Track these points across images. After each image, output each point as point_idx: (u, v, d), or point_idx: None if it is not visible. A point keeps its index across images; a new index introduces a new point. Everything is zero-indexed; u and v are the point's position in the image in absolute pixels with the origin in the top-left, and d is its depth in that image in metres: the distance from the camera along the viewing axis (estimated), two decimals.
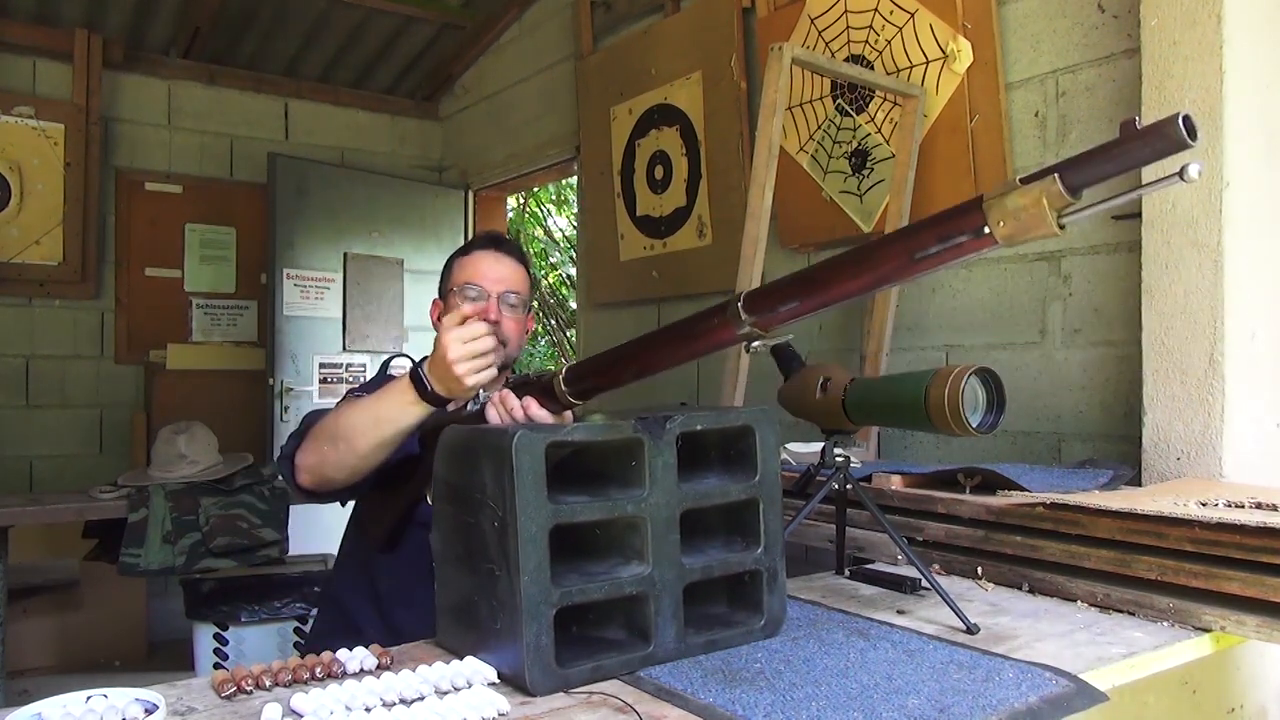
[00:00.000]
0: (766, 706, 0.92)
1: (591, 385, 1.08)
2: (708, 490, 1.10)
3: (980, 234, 0.70)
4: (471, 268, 1.64)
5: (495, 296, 1.61)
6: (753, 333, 0.89)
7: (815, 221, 2.73)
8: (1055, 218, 0.66)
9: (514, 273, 1.66)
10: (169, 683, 1.00)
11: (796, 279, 0.88)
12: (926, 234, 0.75)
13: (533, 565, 0.96)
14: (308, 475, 1.41)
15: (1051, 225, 0.66)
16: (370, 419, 1.33)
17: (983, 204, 0.69)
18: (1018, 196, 0.67)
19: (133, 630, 3.83)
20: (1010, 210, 0.67)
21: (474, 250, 1.68)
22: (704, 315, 0.96)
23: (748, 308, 0.88)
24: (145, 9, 3.93)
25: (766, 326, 0.88)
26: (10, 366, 3.94)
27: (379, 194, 4.44)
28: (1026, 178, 0.67)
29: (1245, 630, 1.18)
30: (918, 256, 0.75)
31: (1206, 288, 1.71)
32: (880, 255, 0.79)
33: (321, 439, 1.39)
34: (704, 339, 0.96)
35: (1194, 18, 1.73)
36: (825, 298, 0.86)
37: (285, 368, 4.14)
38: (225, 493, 3.12)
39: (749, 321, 0.88)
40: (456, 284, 1.64)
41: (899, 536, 1.35)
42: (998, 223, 0.69)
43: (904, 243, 0.77)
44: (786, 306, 0.88)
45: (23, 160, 3.83)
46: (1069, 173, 0.65)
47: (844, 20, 2.59)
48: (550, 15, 4.02)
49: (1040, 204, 0.66)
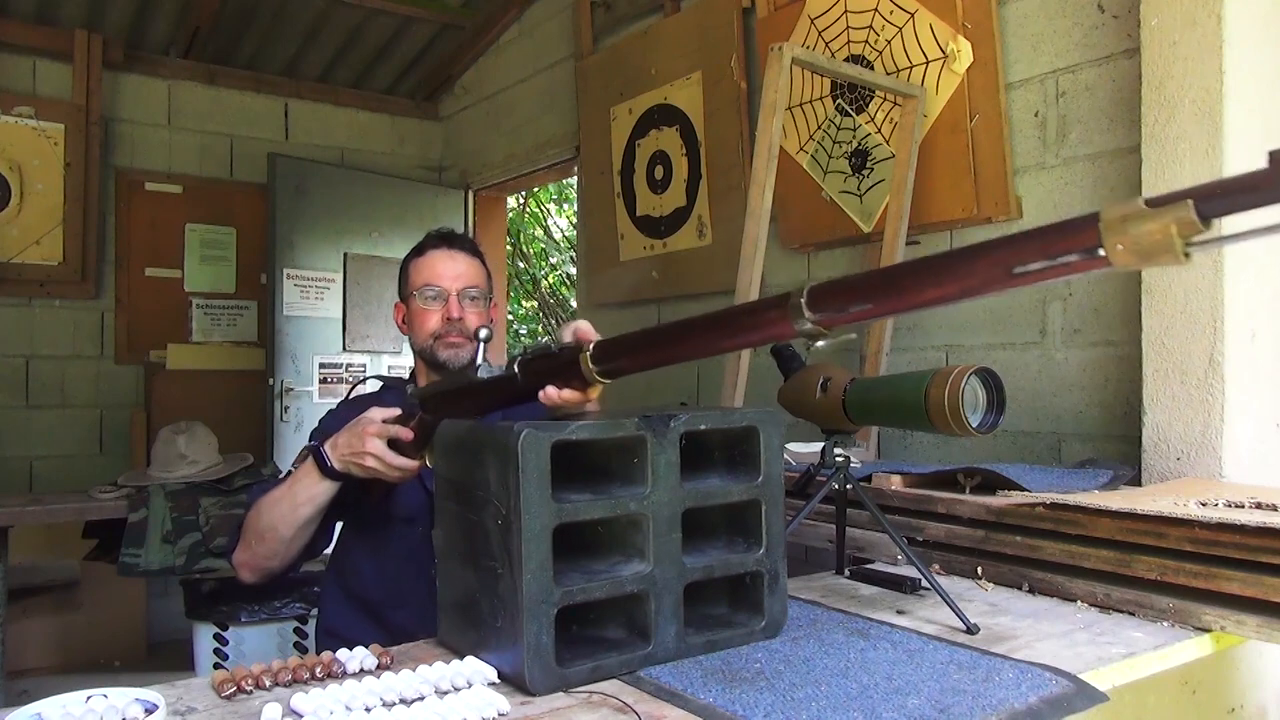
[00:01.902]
0: (766, 706, 0.92)
1: (623, 365, 1.01)
2: (710, 490, 1.10)
3: (1093, 255, 0.63)
4: (428, 269, 1.66)
5: (455, 294, 1.64)
6: (815, 330, 0.80)
7: (815, 221, 2.73)
8: (1182, 246, 0.60)
9: (469, 267, 1.68)
10: (169, 683, 1.00)
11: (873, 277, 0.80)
12: (1031, 248, 0.67)
13: (535, 564, 0.96)
14: (248, 573, 1.51)
15: (1178, 254, 0.60)
16: (288, 506, 1.42)
17: (1099, 221, 0.62)
18: (1142, 219, 0.60)
19: (133, 630, 3.83)
20: (1131, 233, 0.61)
21: (427, 250, 1.69)
22: (759, 306, 0.86)
23: (812, 303, 0.79)
24: (145, 9, 3.93)
25: (830, 325, 0.80)
26: (10, 366, 3.94)
27: (379, 194, 4.44)
28: (1153, 200, 0.60)
29: (1245, 630, 1.18)
30: (1017, 271, 0.68)
31: (1206, 288, 1.71)
32: (974, 265, 0.71)
33: (249, 538, 1.48)
34: (756, 331, 0.87)
35: (1194, 18, 1.73)
36: (903, 302, 0.77)
37: (285, 368, 4.14)
38: (225, 493, 3.12)
39: (811, 318, 0.79)
40: (415, 286, 1.66)
41: (899, 536, 1.35)
42: (1115, 245, 0.61)
43: (1003, 254, 0.69)
44: (858, 307, 0.79)
45: (23, 160, 3.83)
46: (1205, 201, 0.59)
47: (844, 20, 2.59)
48: (550, 15, 4.02)
49: (1168, 231, 0.59)
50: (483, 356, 1.35)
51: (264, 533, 1.45)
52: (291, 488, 1.43)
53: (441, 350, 1.63)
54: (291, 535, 1.44)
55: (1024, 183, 2.26)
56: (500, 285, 5.08)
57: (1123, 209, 0.62)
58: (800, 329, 0.81)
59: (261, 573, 1.50)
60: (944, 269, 0.73)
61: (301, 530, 1.44)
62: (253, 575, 1.51)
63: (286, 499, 1.42)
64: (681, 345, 0.96)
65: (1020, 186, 2.26)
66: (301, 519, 1.42)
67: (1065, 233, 0.65)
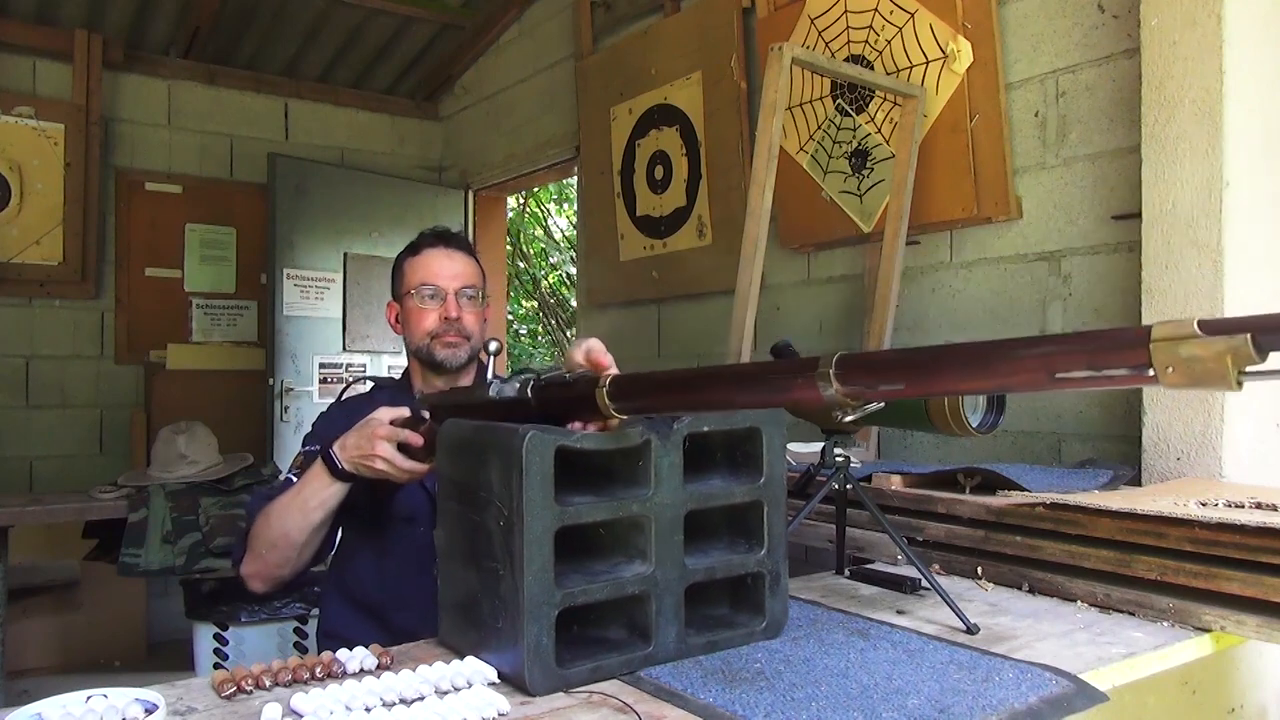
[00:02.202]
0: (766, 707, 0.92)
1: (642, 405, 0.99)
2: (712, 491, 1.10)
3: (1142, 372, 0.62)
4: (424, 268, 1.65)
5: (453, 293, 1.63)
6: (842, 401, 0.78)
7: (815, 221, 2.73)
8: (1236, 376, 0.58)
9: (466, 266, 1.67)
10: (169, 683, 1.00)
11: (907, 359, 0.78)
12: (1077, 355, 0.66)
13: (537, 566, 0.96)
14: (260, 583, 1.50)
15: (1232, 384, 0.58)
16: (299, 511, 1.41)
17: (1150, 340, 0.61)
18: (1196, 345, 0.59)
19: (133, 630, 3.83)
20: (1184, 358, 0.60)
21: (423, 249, 1.68)
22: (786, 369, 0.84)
23: (841, 375, 0.77)
24: (145, 9, 3.93)
25: (857, 399, 0.79)
26: (10, 366, 3.94)
27: (379, 194, 4.44)
28: (1208, 325, 0.59)
29: (1245, 630, 1.18)
30: (1059, 376, 0.67)
31: (1206, 288, 1.71)
32: (1014, 362, 0.70)
33: (258, 547, 1.46)
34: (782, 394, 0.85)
35: (1194, 18, 1.73)
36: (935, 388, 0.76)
37: (285, 368, 4.14)
38: (225, 493, 3.12)
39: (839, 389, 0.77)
40: (412, 286, 1.65)
41: (899, 536, 1.35)
42: (1165, 367, 0.60)
43: (1046, 355, 0.68)
44: (888, 386, 0.77)
45: (23, 160, 3.83)
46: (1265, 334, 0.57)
47: (844, 20, 2.59)
48: (550, 15, 4.02)
49: (1223, 361, 0.58)
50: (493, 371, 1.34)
51: (275, 541, 1.43)
52: (300, 492, 1.42)
53: (439, 350, 1.62)
54: (304, 541, 1.43)
55: (1024, 183, 2.26)
56: (500, 285, 5.08)
57: (1175, 329, 0.60)
58: (826, 396, 0.79)
59: (273, 582, 1.49)
60: (987, 362, 0.71)
61: (314, 535, 1.44)
62: (264, 585, 1.50)
63: (296, 504, 1.41)
64: (703, 394, 0.94)
65: (1020, 186, 2.26)
66: (314, 523, 1.41)
67: (1115, 344, 0.63)
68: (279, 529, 1.43)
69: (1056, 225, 2.20)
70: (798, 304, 2.87)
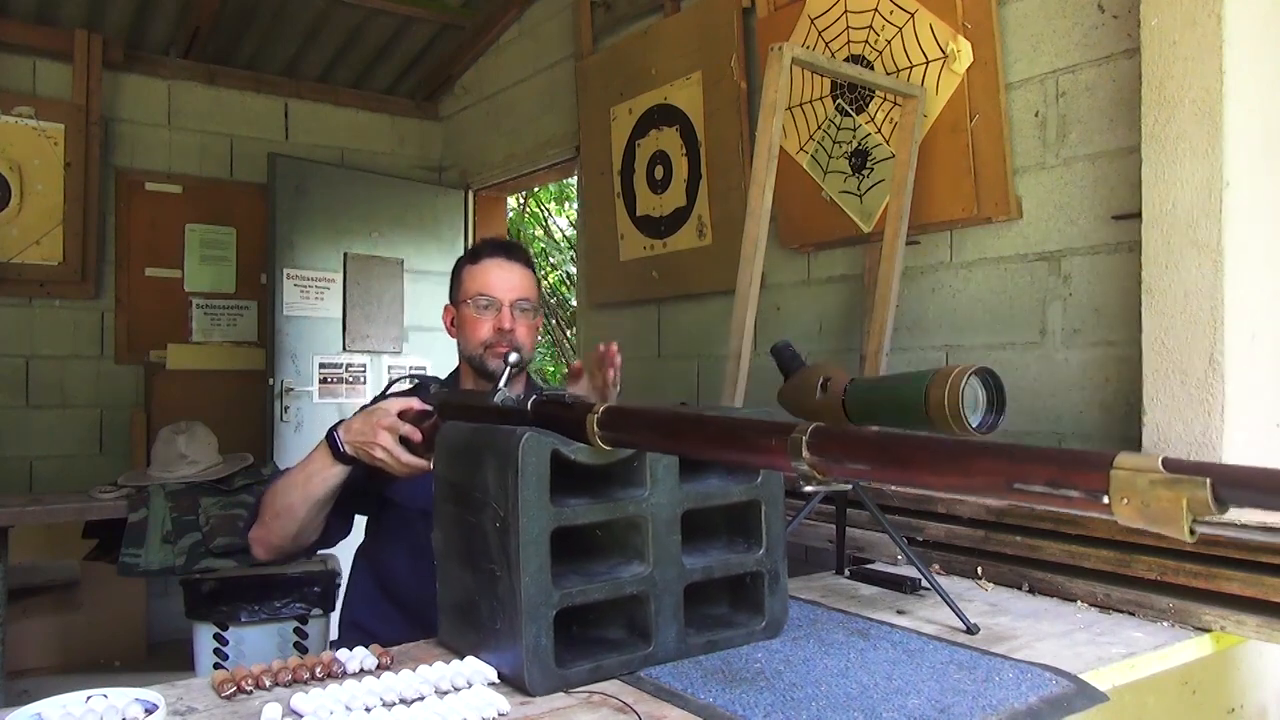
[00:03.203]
0: (766, 706, 0.92)
1: (626, 439, 1.01)
2: (709, 491, 1.10)
3: (1096, 498, 0.63)
4: (482, 277, 1.67)
5: (508, 304, 1.64)
6: (809, 472, 0.81)
7: (815, 221, 2.73)
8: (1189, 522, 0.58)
9: (524, 279, 1.69)
10: (169, 683, 1.00)
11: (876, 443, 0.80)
12: (1037, 469, 0.67)
13: (534, 567, 0.96)
14: (261, 549, 1.53)
15: (1183, 531, 0.58)
16: (301, 483, 1.45)
17: (1111, 468, 0.62)
18: (1156, 486, 0.59)
19: (133, 630, 3.83)
20: (1140, 492, 0.60)
21: (483, 259, 1.69)
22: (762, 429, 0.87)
23: (813, 446, 0.79)
24: (145, 9, 3.93)
25: (824, 473, 0.81)
26: (10, 366, 3.94)
27: (379, 194, 4.44)
28: (1171, 464, 0.59)
29: (1245, 630, 1.18)
30: (1016, 487, 0.68)
31: (1206, 288, 1.71)
32: (976, 464, 0.71)
33: (265, 515, 1.51)
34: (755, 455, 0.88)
35: (1194, 18, 1.73)
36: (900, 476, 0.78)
37: (285, 368, 4.14)
38: (225, 493, 3.12)
39: (809, 460, 0.80)
40: (469, 294, 1.67)
41: (899, 536, 1.36)
42: (1121, 499, 0.61)
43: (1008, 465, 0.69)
44: (855, 465, 0.79)
45: (23, 160, 3.83)
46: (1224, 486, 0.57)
47: (844, 20, 2.59)
48: (550, 15, 4.02)
49: (1179, 504, 0.58)
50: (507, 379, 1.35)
51: (280, 511, 1.47)
52: (305, 467, 1.46)
53: (490, 360, 1.63)
54: (305, 515, 1.46)
55: (1024, 183, 2.26)
56: None
57: (1139, 463, 0.60)
58: (795, 465, 0.81)
59: (275, 550, 1.52)
60: (947, 459, 0.74)
61: (315, 510, 1.46)
62: (266, 553, 1.53)
63: (300, 478, 1.45)
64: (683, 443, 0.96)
65: (1020, 186, 2.26)
66: (315, 498, 1.44)
67: (1074, 466, 0.64)
68: (284, 501, 1.46)
69: (1056, 225, 2.20)
70: (798, 304, 2.87)
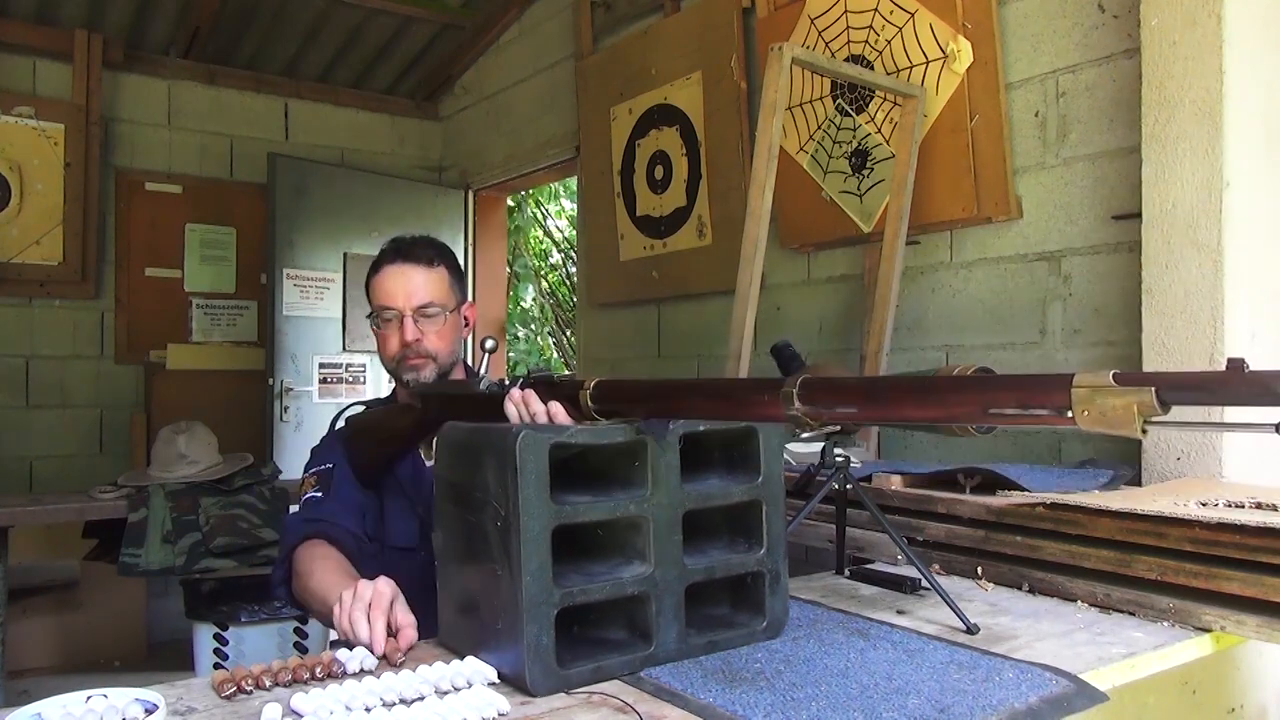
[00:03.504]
0: (766, 706, 0.92)
1: (619, 409, 1.06)
2: (710, 491, 1.10)
3: (1062, 413, 0.71)
4: (381, 289, 1.57)
5: (410, 314, 1.54)
6: (801, 419, 0.87)
7: (815, 221, 2.73)
8: (1141, 423, 0.68)
9: (426, 281, 1.56)
10: (169, 683, 1.00)
11: (860, 386, 0.87)
12: (1007, 394, 0.75)
13: (535, 565, 0.96)
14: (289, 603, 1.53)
15: (1136, 430, 0.68)
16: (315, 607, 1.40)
17: (1072, 386, 0.70)
18: (1110, 395, 0.68)
19: (133, 630, 3.83)
20: (1098, 404, 0.69)
21: (381, 267, 1.58)
22: (753, 386, 0.93)
23: (803, 396, 0.86)
24: (145, 9, 3.93)
25: (816, 419, 0.87)
26: (10, 366, 3.94)
27: (379, 194, 4.44)
28: (1121, 378, 0.68)
29: (1245, 630, 1.18)
30: (991, 411, 0.76)
31: (1206, 288, 1.71)
32: (953, 395, 0.79)
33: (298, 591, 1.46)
34: (749, 409, 0.94)
35: (1194, 18, 1.73)
36: (885, 414, 0.86)
37: (285, 368, 4.14)
38: (225, 493, 3.12)
39: (800, 409, 0.86)
40: (372, 309, 1.58)
41: (899, 536, 1.35)
42: (1082, 411, 0.70)
43: (981, 392, 0.77)
44: (843, 409, 0.87)
45: (23, 160, 3.83)
46: (1167, 391, 0.67)
47: (844, 20, 2.59)
48: (550, 15, 4.02)
49: (1130, 409, 0.67)
50: (486, 367, 1.33)
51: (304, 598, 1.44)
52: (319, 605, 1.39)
53: (405, 373, 1.56)
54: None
55: (1024, 183, 2.26)
56: (500, 284, 5.07)
57: (1094, 380, 0.69)
58: (789, 413, 0.87)
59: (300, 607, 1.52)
60: (925, 392, 0.82)
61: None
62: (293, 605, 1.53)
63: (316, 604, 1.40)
64: (675, 403, 1.02)
65: (1020, 186, 2.26)
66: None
67: (1041, 388, 0.73)
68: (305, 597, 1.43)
69: (1056, 225, 2.20)
70: (798, 304, 2.87)
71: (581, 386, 1.09)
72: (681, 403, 1.01)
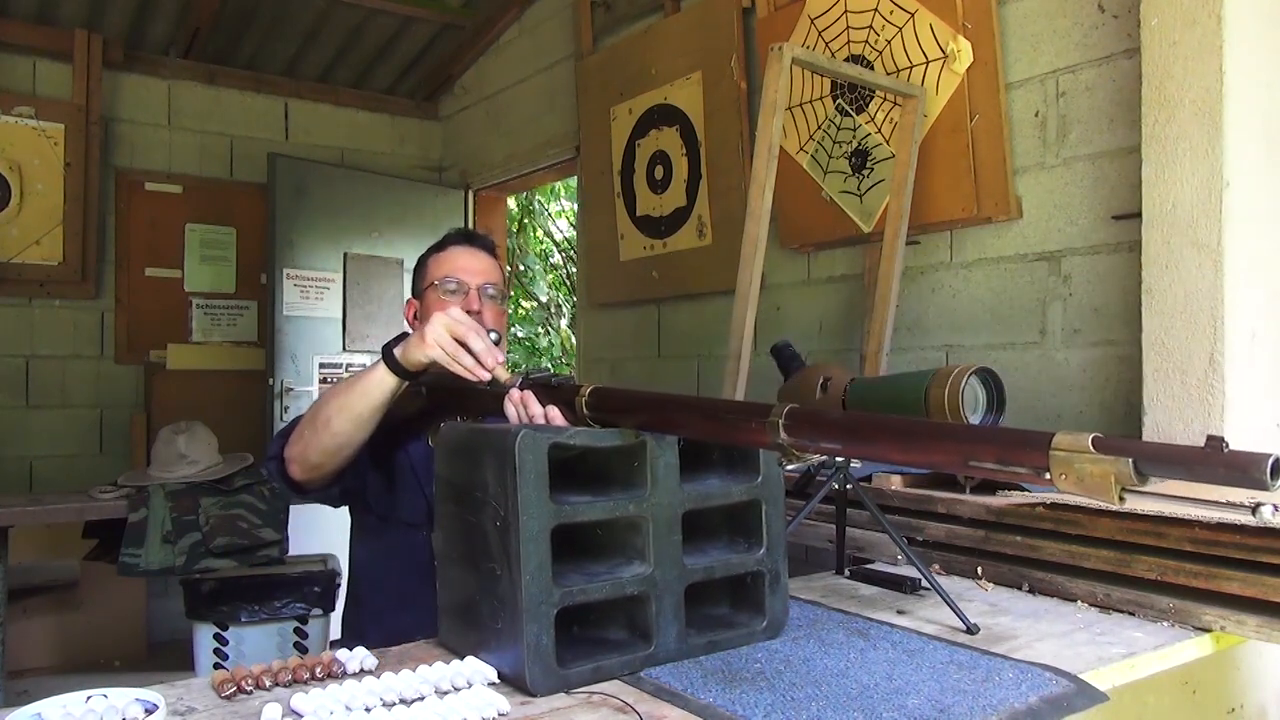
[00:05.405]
0: (766, 706, 0.92)
1: (612, 417, 1.08)
2: (710, 491, 1.10)
3: (1040, 474, 0.72)
4: (449, 263, 1.66)
5: (475, 289, 1.64)
6: (787, 449, 0.89)
7: (815, 221, 2.73)
8: (1118, 491, 0.68)
9: (489, 266, 1.69)
10: (169, 683, 1.00)
11: (846, 423, 0.89)
12: (988, 449, 0.76)
13: (534, 565, 0.96)
14: (297, 465, 1.46)
15: (1113, 498, 0.69)
16: (345, 395, 1.39)
17: (1050, 448, 0.71)
18: (1088, 462, 0.69)
19: (133, 630, 3.83)
20: (1076, 469, 0.70)
21: (449, 246, 1.70)
22: (743, 411, 0.95)
23: (789, 427, 0.87)
24: (145, 9, 3.93)
25: (801, 450, 0.89)
26: (10, 366, 3.94)
27: (379, 194, 4.44)
28: (1101, 443, 0.68)
29: (1245, 630, 1.18)
30: (970, 463, 0.77)
31: (1206, 288, 1.71)
32: (935, 443, 0.80)
33: (305, 427, 1.45)
34: (737, 433, 0.96)
35: (1194, 18, 1.73)
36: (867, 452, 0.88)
37: (285, 368, 4.14)
38: (225, 493, 3.12)
39: (786, 440, 0.88)
40: (435, 279, 1.65)
41: (899, 536, 1.36)
42: (1060, 475, 0.71)
43: (962, 443, 0.78)
44: (827, 444, 0.89)
45: (23, 160, 3.83)
46: (1145, 463, 0.68)
47: (844, 20, 2.58)
48: (550, 15, 4.02)
49: (1108, 478, 0.68)
50: None
51: (318, 423, 1.40)
52: (354, 379, 1.40)
53: None
54: (342, 430, 1.38)
55: (1024, 183, 2.26)
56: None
57: (1073, 442, 0.70)
58: (775, 442, 0.89)
59: (308, 467, 1.45)
60: (908, 437, 0.83)
61: (352, 429, 1.38)
62: (301, 470, 1.46)
63: (347, 387, 1.39)
64: (670, 420, 1.04)
65: (1020, 186, 2.26)
66: (357, 412, 1.37)
67: (1021, 446, 0.74)
68: (328, 407, 1.40)
69: (1056, 225, 2.20)
70: (798, 304, 2.87)
71: (578, 392, 1.11)
72: (673, 419, 1.04)
